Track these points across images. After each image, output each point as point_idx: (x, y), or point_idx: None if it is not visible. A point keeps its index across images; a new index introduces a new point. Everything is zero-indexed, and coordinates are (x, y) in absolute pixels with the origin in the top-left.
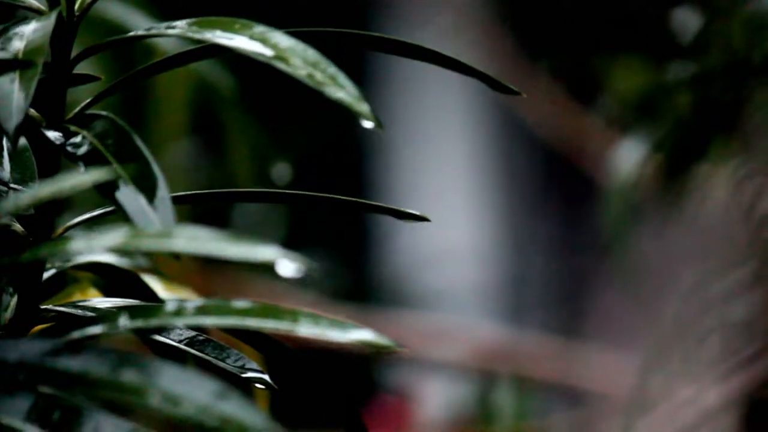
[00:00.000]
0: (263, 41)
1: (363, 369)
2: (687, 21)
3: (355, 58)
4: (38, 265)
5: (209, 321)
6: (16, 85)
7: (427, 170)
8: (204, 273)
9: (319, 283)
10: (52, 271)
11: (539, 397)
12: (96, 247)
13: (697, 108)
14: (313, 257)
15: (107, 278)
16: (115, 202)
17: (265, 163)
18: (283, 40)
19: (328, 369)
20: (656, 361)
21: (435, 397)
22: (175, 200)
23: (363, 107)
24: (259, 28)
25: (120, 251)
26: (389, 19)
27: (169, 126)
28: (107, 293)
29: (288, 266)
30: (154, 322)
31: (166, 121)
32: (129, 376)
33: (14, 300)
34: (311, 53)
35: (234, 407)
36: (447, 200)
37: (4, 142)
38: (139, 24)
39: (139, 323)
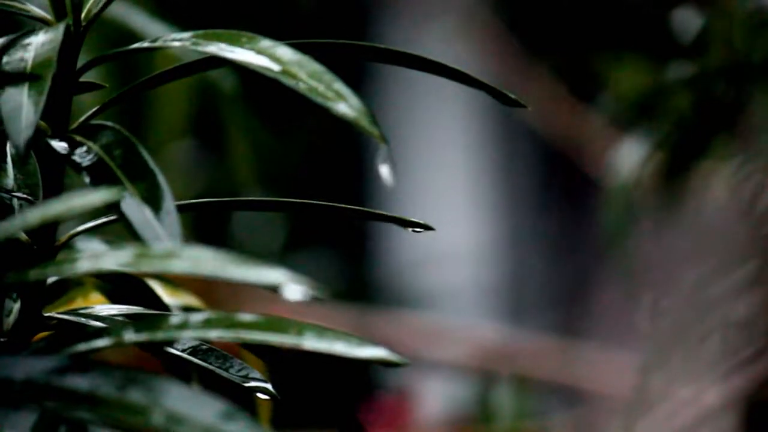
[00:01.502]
0: (269, 55)
1: (363, 368)
2: (687, 21)
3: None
4: None
5: (214, 334)
6: (25, 98)
7: (427, 170)
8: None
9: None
10: (55, 276)
11: (539, 397)
12: (101, 267)
13: (698, 108)
14: (312, 258)
15: (112, 283)
16: (121, 214)
17: (267, 161)
18: (288, 54)
19: (327, 373)
20: (656, 361)
21: (435, 397)
22: (179, 208)
23: (369, 124)
24: (266, 42)
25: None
26: (391, 19)
27: (169, 125)
28: (112, 298)
29: (295, 290)
30: (159, 335)
31: (167, 120)
32: (135, 395)
33: (17, 306)
34: (317, 67)
35: (239, 428)
36: (447, 200)
37: (8, 149)
38: (143, 26)
39: (144, 337)
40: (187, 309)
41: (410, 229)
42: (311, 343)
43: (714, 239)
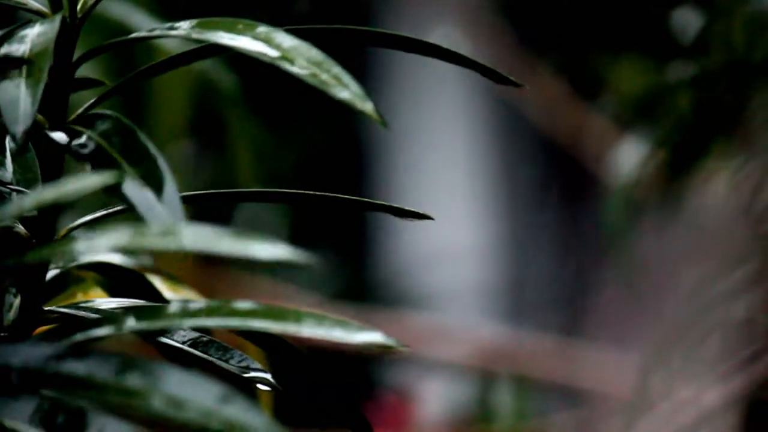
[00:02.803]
0: (267, 41)
1: (363, 369)
2: (688, 21)
3: (357, 56)
4: (42, 266)
5: (214, 322)
6: (23, 89)
7: (427, 169)
8: (206, 273)
9: (319, 282)
10: (55, 271)
11: (539, 397)
12: (100, 247)
13: (698, 108)
14: (313, 257)
15: (112, 278)
16: (122, 198)
17: (268, 160)
18: (286, 40)
19: (332, 367)
20: (656, 361)
21: (435, 397)
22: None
23: (368, 107)
24: (263, 28)
25: (124, 250)
26: (392, 17)
27: (169, 124)
28: (112, 293)
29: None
30: (159, 323)
31: (167, 120)
32: (133, 379)
33: (17, 300)
34: (315, 53)
35: (238, 411)
36: (447, 200)
37: (7, 143)
38: (140, 22)
39: (145, 325)
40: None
41: (408, 222)
42: (310, 330)
43: (714, 239)
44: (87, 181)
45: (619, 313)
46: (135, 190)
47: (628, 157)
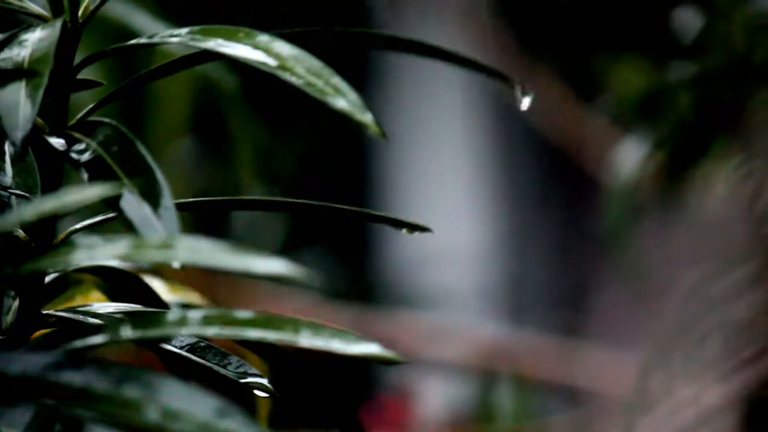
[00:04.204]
0: (266, 50)
1: (362, 368)
2: (688, 21)
3: (356, 57)
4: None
5: (211, 331)
6: (23, 94)
7: (427, 170)
8: (206, 274)
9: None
10: (54, 274)
11: (539, 397)
12: (99, 258)
13: (698, 108)
14: (312, 257)
15: (111, 281)
16: (119, 211)
17: (268, 160)
18: (286, 49)
19: (328, 372)
20: (656, 361)
21: (435, 397)
22: (178, 207)
23: (367, 118)
24: (263, 37)
25: (123, 260)
26: (391, 20)
27: (170, 124)
28: (111, 296)
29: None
30: (156, 332)
31: (168, 119)
32: (130, 391)
33: (16, 304)
34: (315, 62)
35: (235, 425)
36: (447, 200)
37: (6, 147)
38: (141, 24)
39: (142, 333)
40: (187, 306)
41: (404, 230)
42: (308, 340)
43: (714, 239)
44: (86, 192)
45: (620, 313)
46: (132, 204)
47: (628, 157)
